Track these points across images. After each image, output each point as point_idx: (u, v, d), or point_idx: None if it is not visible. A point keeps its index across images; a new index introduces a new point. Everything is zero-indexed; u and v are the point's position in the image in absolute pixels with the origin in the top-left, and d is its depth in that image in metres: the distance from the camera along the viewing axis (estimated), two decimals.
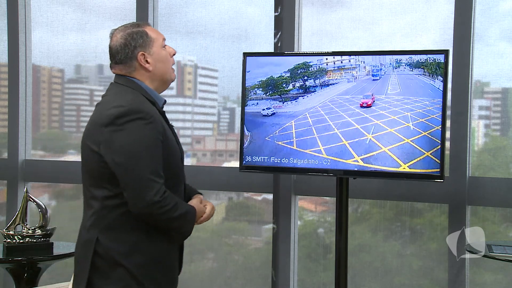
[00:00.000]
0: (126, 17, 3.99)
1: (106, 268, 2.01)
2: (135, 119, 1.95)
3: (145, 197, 1.93)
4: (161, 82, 2.16)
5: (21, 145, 4.17)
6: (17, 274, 3.32)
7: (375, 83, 2.76)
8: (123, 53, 2.09)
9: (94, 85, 4.26)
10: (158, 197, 1.94)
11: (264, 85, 2.93)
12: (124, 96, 2.05)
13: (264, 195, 3.76)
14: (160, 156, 1.99)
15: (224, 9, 3.80)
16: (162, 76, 2.14)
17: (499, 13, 3.26)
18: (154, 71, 2.11)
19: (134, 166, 1.94)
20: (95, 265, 2.02)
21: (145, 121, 1.96)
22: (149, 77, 2.12)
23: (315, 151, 2.83)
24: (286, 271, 3.56)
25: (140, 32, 2.10)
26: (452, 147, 3.20)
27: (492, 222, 3.27)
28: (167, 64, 2.15)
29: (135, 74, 2.11)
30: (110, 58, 2.15)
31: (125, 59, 2.10)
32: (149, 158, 1.95)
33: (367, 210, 3.54)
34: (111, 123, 1.96)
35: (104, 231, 2.03)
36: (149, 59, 2.10)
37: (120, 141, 1.95)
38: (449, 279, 3.23)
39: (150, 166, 1.95)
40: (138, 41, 2.09)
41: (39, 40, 4.21)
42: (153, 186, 1.94)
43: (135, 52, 2.08)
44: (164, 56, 2.14)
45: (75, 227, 2.49)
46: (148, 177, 1.94)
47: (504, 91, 3.31)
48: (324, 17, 3.56)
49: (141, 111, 1.97)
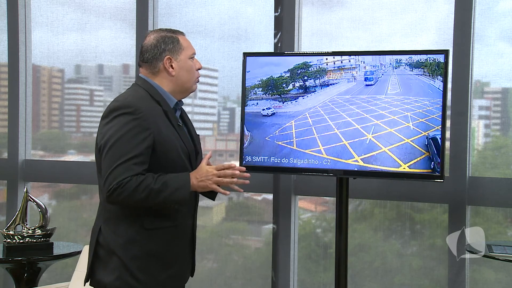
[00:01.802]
0: (126, 17, 4.00)
1: (105, 258, 2.09)
2: (124, 114, 2.03)
3: (105, 185, 1.99)
4: (181, 90, 2.22)
5: (21, 145, 4.17)
6: (17, 274, 3.33)
7: (370, 87, 2.76)
8: (152, 53, 2.17)
9: (94, 85, 4.26)
10: (115, 183, 1.96)
11: (264, 85, 2.93)
12: (127, 93, 2.14)
13: (264, 195, 3.76)
14: (137, 149, 2.00)
15: (224, 9, 3.80)
16: (183, 84, 2.21)
17: (499, 13, 3.26)
18: (177, 77, 2.18)
19: (108, 156, 2.01)
20: (97, 254, 2.11)
21: (133, 116, 2.02)
22: (170, 81, 2.18)
23: (315, 151, 2.83)
24: (286, 271, 3.56)
25: (172, 38, 2.19)
26: (452, 147, 3.20)
27: (492, 222, 3.27)
28: (191, 74, 2.22)
29: (158, 75, 2.18)
30: (140, 56, 2.22)
31: (152, 59, 2.17)
32: (121, 148, 1.99)
33: (367, 209, 3.54)
34: (105, 116, 2.07)
35: (106, 221, 2.11)
36: (174, 65, 2.18)
37: (107, 132, 2.03)
38: (449, 279, 3.23)
39: (119, 157, 1.99)
40: (168, 45, 2.17)
41: (39, 40, 4.21)
42: (116, 175, 1.97)
43: (163, 55, 2.16)
44: (190, 66, 2.21)
45: (75, 227, 2.51)
46: (114, 165, 1.98)
47: (504, 91, 3.31)
48: (324, 17, 3.56)
49: (131, 106, 2.04)
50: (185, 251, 2.21)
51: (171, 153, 2.11)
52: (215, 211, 3.96)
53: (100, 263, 2.11)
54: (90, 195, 4.19)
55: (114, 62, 4.15)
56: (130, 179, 1.98)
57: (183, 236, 2.19)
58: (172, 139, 2.12)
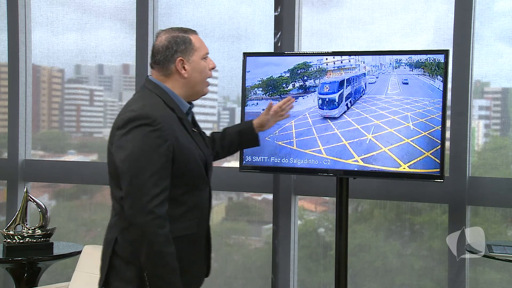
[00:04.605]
0: (126, 17, 4.00)
1: (121, 268, 2.03)
2: (142, 125, 1.95)
3: (138, 203, 1.92)
4: (192, 92, 2.15)
5: (21, 145, 4.17)
6: (17, 274, 3.33)
7: (370, 87, 2.76)
8: (163, 55, 2.09)
9: (94, 85, 4.26)
10: (152, 205, 1.91)
11: (264, 85, 2.93)
12: (142, 101, 2.05)
13: (264, 195, 3.76)
14: (160, 165, 1.95)
15: (224, 9, 3.80)
16: (194, 86, 2.14)
17: (499, 13, 3.26)
18: (189, 79, 2.11)
19: (129, 170, 1.94)
20: (112, 264, 2.05)
21: (151, 127, 1.95)
22: (183, 84, 2.12)
23: (315, 151, 2.83)
24: (286, 271, 3.56)
25: (184, 38, 2.11)
26: (452, 147, 3.20)
27: (492, 222, 3.27)
28: (203, 75, 2.15)
29: (170, 78, 2.11)
30: (151, 57, 2.14)
31: (164, 61, 2.10)
32: (143, 162, 1.93)
33: (367, 209, 3.54)
34: (121, 127, 1.99)
35: (123, 232, 2.04)
36: (187, 66, 2.10)
37: (124, 145, 1.96)
38: (449, 279, 3.23)
39: (142, 172, 1.92)
40: (180, 46, 2.09)
41: (39, 40, 4.21)
42: (148, 193, 1.91)
43: (175, 56, 2.09)
44: (203, 67, 2.14)
45: (75, 227, 2.51)
46: (140, 183, 1.92)
47: (504, 91, 3.31)
48: (324, 17, 3.56)
49: (149, 117, 1.96)
50: (200, 256, 2.18)
51: (190, 162, 2.05)
52: (215, 211, 3.96)
53: (116, 273, 2.05)
54: (90, 195, 4.19)
55: (114, 62, 4.15)
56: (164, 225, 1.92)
57: (199, 242, 2.16)
58: (190, 148, 2.07)
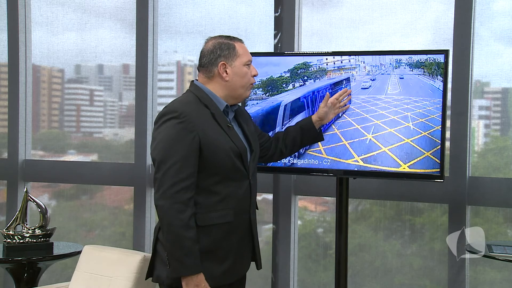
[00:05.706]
0: (126, 17, 4.00)
1: (163, 253, 2.19)
2: (170, 118, 2.14)
3: (161, 188, 2.09)
4: (234, 95, 2.31)
5: (21, 145, 4.17)
6: (17, 274, 3.33)
7: (371, 87, 2.76)
8: (208, 58, 2.27)
9: (94, 85, 4.26)
10: (173, 191, 2.07)
11: (264, 85, 2.93)
12: (177, 99, 2.27)
13: (264, 195, 3.76)
14: (184, 153, 2.11)
15: (223, 9, 3.80)
16: (235, 89, 2.29)
17: (499, 13, 3.26)
18: (230, 82, 2.27)
19: (158, 160, 2.12)
20: (156, 250, 2.24)
21: (178, 120, 2.13)
22: (224, 86, 2.28)
23: (315, 151, 2.83)
24: (286, 271, 3.56)
25: (229, 44, 2.28)
26: (452, 147, 3.21)
27: (492, 222, 3.27)
28: (244, 79, 2.30)
29: (212, 80, 2.28)
30: (198, 61, 2.32)
31: (208, 64, 2.27)
32: (168, 150, 2.10)
33: (367, 209, 3.54)
34: (156, 122, 2.21)
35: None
36: (228, 70, 2.27)
37: (156, 136, 2.17)
38: (449, 279, 3.23)
39: (168, 158, 2.10)
40: (224, 52, 2.26)
41: (39, 40, 4.21)
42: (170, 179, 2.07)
43: (218, 60, 2.26)
44: (244, 72, 2.30)
45: (75, 227, 2.50)
46: (165, 168, 2.09)
47: (504, 91, 3.31)
48: (324, 18, 3.56)
49: (176, 111, 2.15)
50: (240, 246, 2.26)
51: (219, 154, 2.18)
52: None
53: (159, 259, 2.22)
54: (90, 195, 4.19)
55: (114, 62, 4.15)
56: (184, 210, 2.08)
57: (237, 232, 2.25)
58: (220, 140, 2.19)
